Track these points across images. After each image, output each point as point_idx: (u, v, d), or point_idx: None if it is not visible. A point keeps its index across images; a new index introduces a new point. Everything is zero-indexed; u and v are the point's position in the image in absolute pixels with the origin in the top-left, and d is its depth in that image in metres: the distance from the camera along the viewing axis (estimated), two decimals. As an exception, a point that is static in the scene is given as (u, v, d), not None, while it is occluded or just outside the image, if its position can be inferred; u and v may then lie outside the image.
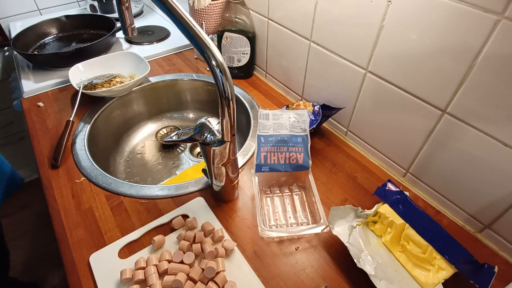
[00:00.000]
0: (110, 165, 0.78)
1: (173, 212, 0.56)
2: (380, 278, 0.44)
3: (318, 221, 0.52)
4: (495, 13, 0.40)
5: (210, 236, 0.52)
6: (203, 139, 0.48)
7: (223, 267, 0.47)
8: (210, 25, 0.86)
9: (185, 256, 0.48)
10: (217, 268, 0.46)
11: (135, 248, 0.51)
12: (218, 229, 0.52)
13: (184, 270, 0.46)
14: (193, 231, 0.53)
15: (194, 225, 0.53)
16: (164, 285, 0.45)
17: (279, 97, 0.84)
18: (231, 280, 0.46)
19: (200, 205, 0.57)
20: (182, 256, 0.48)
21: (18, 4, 1.14)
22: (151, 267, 0.46)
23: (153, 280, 0.45)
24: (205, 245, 0.49)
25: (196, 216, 0.55)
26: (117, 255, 0.50)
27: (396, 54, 0.53)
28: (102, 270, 0.48)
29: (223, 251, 0.49)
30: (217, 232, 0.51)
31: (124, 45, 1.04)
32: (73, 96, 0.81)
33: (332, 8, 0.60)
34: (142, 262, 0.48)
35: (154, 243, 0.50)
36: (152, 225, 0.54)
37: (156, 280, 0.45)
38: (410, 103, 0.55)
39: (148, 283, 0.45)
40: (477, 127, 0.48)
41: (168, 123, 0.93)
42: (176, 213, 0.56)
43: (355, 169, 0.65)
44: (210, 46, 0.38)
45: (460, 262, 0.45)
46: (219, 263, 0.47)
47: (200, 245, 0.50)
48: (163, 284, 0.45)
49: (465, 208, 0.55)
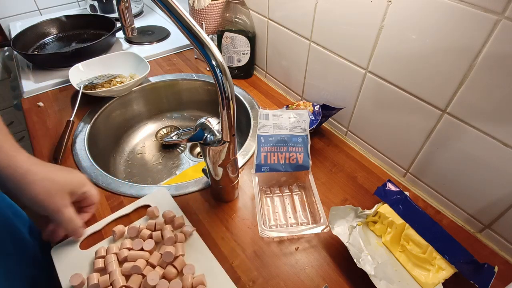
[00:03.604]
0: (110, 165, 0.78)
1: (134, 204, 0.57)
2: (380, 278, 0.44)
3: (318, 221, 0.52)
4: (495, 13, 0.40)
5: (170, 224, 0.53)
6: (203, 139, 0.48)
7: (183, 251, 0.49)
8: (210, 25, 0.86)
9: (145, 243, 0.49)
10: (176, 252, 0.48)
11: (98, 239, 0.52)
12: (178, 216, 0.53)
13: (143, 257, 0.47)
14: (154, 219, 0.53)
15: (156, 214, 0.54)
16: (123, 272, 0.46)
17: (279, 97, 0.84)
18: (190, 263, 0.47)
19: (162, 194, 0.58)
20: (142, 244, 0.49)
21: (18, 4, 1.14)
22: (111, 255, 0.48)
23: (112, 267, 0.46)
24: (165, 231, 0.50)
25: (158, 206, 0.55)
26: (78, 247, 0.51)
27: (396, 54, 0.53)
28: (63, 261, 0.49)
29: (182, 236, 0.50)
30: (177, 219, 0.52)
31: (124, 45, 1.04)
32: (73, 96, 0.81)
33: (332, 8, 0.60)
34: (103, 251, 0.49)
35: (115, 233, 0.51)
36: (113, 217, 0.55)
37: (116, 268, 0.46)
38: (410, 103, 0.55)
39: (108, 270, 0.46)
40: (477, 127, 0.48)
41: (168, 123, 0.93)
42: (137, 204, 0.57)
43: (355, 169, 0.65)
44: (210, 46, 0.38)
45: (460, 262, 0.45)
46: (178, 247, 0.49)
47: (160, 232, 0.51)
48: (122, 270, 0.46)
49: (465, 208, 0.55)
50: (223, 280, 0.47)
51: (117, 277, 0.45)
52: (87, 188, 0.51)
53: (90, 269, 0.48)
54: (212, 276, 0.47)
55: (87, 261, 0.49)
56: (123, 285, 0.44)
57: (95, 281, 0.45)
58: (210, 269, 0.48)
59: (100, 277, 0.45)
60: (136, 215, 0.56)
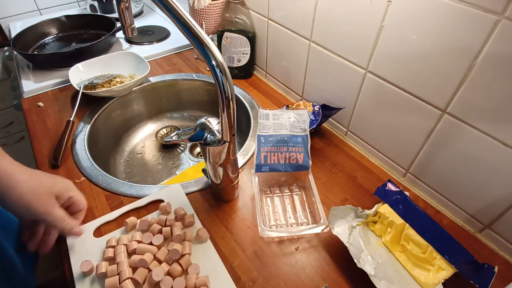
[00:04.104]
0: (110, 165, 0.78)
1: (150, 197, 0.58)
2: (380, 278, 0.44)
3: (318, 221, 0.52)
4: (495, 13, 0.40)
5: (181, 221, 0.53)
6: (203, 139, 0.48)
7: (189, 250, 0.49)
8: (210, 25, 0.86)
9: (154, 238, 0.50)
10: (183, 251, 0.48)
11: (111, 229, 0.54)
12: (189, 214, 0.54)
13: (151, 251, 0.48)
14: (165, 215, 0.54)
15: (168, 210, 0.55)
16: (131, 263, 0.47)
17: (279, 97, 0.84)
18: (195, 263, 0.48)
19: (176, 191, 0.59)
20: (152, 238, 0.50)
21: (18, 4, 1.14)
22: (121, 246, 0.49)
23: (121, 258, 0.47)
24: (174, 228, 0.51)
25: (171, 202, 0.56)
26: (92, 234, 0.52)
27: (396, 54, 0.53)
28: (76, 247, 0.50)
29: (191, 235, 0.51)
30: (188, 217, 0.53)
31: (124, 45, 1.04)
32: (73, 96, 0.81)
33: (332, 8, 0.60)
34: (114, 241, 0.50)
35: (127, 225, 0.52)
36: (127, 208, 0.56)
37: (124, 259, 0.47)
38: (410, 103, 0.55)
39: (116, 261, 0.47)
40: (477, 127, 0.48)
41: (168, 123, 0.93)
42: (152, 197, 0.58)
43: (355, 169, 0.65)
44: (210, 46, 0.38)
45: (460, 262, 0.45)
46: (185, 246, 0.49)
47: (170, 228, 0.52)
48: (130, 262, 0.47)
49: (465, 208, 0.55)
50: (227, 283, 0.47)
51: (124, 268, 0.46)
52: (73, 192, 0.51)
53: (100, 256, 0.49)
54: (216, 277, 0.47)
55: (98, 248, 0.50)
56: (129, 277, 0.46)
57: (103, 269, 0.46)
58: (214, 271, 0.48)
59: (109, 266, 0.47)
60: (150, 209, 0.57)
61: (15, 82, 0.95)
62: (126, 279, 0.45)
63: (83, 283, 0.46)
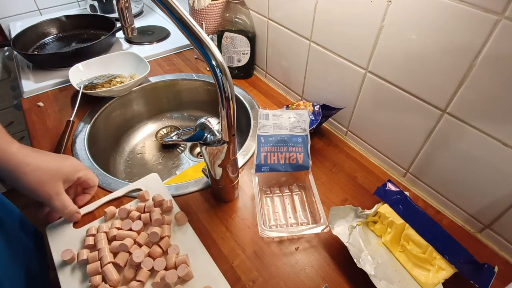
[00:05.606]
0: (110, 165, 0.78)
1: (127, 188, 0.59)
2: (380, 278, 0.44)
3: (318, 221, 0.52)
4: (495, 13, 0.40)
5: (159, 207, 0.55)
6: (203, 139, 0.48)
7: (169, 233, 0.51)
8: (210, 25, 0.86)
9: (133, 224, 0.52)
10: (162, 233, 0.50)
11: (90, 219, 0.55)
12: (167, 200, 0.55)
13: (131, 236, 0.50)
14: (144, 202, 0.56)
15: (146, 198, 0.56)
16: (111, 249, 0.48)
17: (279, 97, 0.84)
18: (175, 244, 0.50)
19: (153, 180, 0.61)
20: (131, 224, 0.52)
21: (18, 4, 1.14)
22: (101, 234, 0.50)
23: (101, 245, 0.49)
24: (153, 214, 0.52)
25: (149, 190, 0.58)
26: (71, 226, 0.53)
27: (396, 54, 0.53)
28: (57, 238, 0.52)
29: (169, 218, 0.53)
30: (166, 203, 0.55)
31: (124, 45, 1.04)
32: (73, 96, 0.81)
33: (332, 8, 0.60)
34: (94, 229, 0.51)
35: (106, 214, 0.53)
36: (106, 199, 0.57)
37: (105, 245, 0.49)
38: (410, 103, 0.55)
39: (97, 247, 0.49)
40: (477, 127, 0.48)
41: (168, 123, 0.93)
42: (130, 187, 0.59)
43: (355, 169, 0.65)
44: (210, 46, 0.38)
45: (460, 262, 0.45)
46: (164, 229, 0.51)
47: (149, 214, 0.53)
48: (111, 248, 0.49)
49: (465, 208, 0.55)
50: (205, 261, 0.49)
51: (105, 254, 0.47)
52: (82, 173, 0.54)
53: (81, 246, 0.50)
54: (195, 256, 0.49)
55: (79, 239, 0.51)
56: (111, 261, 0.47)
57: (84, 256, 0.48)
58: (193, 250, 0.50)
59: (90, 253, 0.48)
60: (128, 199, 0.58)
61: (15, 82, 0.96)
62: (108, 263, 0.46)
63: (65, 272, 0.47)
